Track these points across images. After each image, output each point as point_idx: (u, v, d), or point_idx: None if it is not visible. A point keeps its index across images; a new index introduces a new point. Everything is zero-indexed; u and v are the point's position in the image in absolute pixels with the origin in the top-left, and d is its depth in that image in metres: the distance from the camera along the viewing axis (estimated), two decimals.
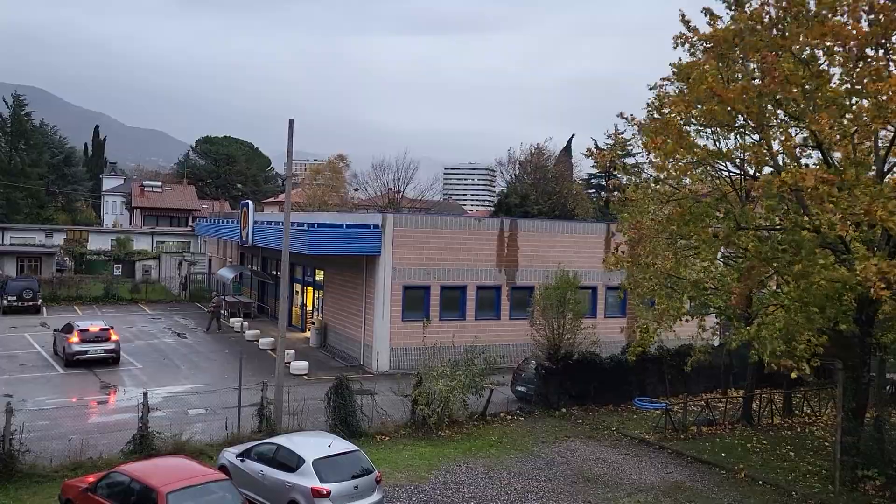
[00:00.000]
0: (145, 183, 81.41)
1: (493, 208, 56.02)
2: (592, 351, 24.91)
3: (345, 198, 67.07)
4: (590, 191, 57.34)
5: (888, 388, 24.66)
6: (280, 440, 15.44)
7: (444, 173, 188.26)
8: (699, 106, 16.86)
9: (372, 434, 19.97)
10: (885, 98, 13.84)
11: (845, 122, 15.31)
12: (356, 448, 15.28)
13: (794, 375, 15.67)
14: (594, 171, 57.41)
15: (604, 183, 54.56)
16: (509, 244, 30.76)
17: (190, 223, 71.56)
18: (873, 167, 16.56)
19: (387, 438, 19.99)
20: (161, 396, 23.11)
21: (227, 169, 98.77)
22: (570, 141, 57.00)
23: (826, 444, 20.07)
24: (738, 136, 18.41)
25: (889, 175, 17.08)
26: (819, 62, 15.87)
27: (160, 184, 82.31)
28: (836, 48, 15.48)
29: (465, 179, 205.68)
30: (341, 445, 15.13)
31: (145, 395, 18.57)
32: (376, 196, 65.97)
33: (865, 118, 14.78)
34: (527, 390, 24.23)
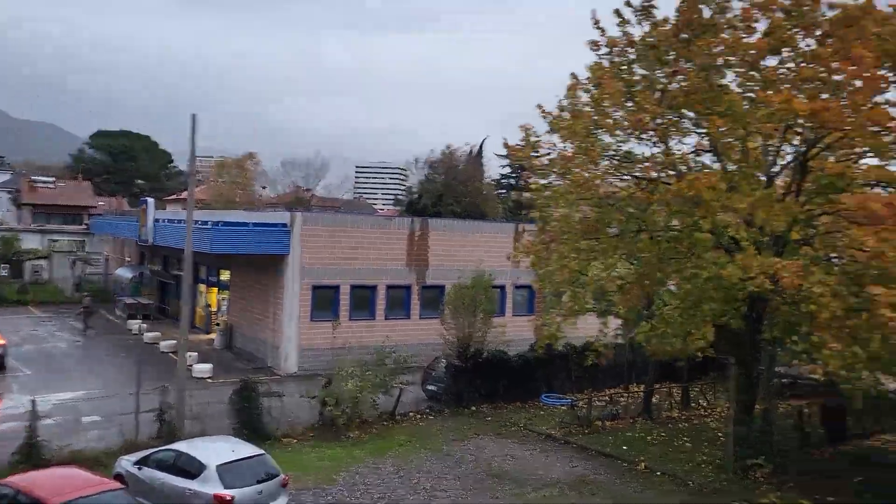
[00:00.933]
0: (35, 178, 76.88)
1: (403, 208, 55.94)
2: (502, 349, 25.26)
3: (253, 196, 65.51)
4: (501, 191, 58.14)
5: (776, 381, 26.09)
6: (181, 446, 14.86)
7: (356, 172, 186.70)
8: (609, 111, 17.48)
9: (279, 437, 19.55)
10: (774, 107, 14.60)
11: (739, 126, 16.12)
12: (262, 452, 14.89)
13: (691, 355, 16.26)
14: (506, 171, 58.28)
15: (514, 183, 55.42)
16: (420, 243, 30.80)
17: (85, 221, 68.13)
18: (762, 175, 17.45)
19: (294, 441, 19.62)
20: (52, 404, 21.84)
21: (126, 164, 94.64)
22: (482, 143, 57.59)
23: (720, 435, 21.03)
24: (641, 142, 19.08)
25: (777, 177, 18.07)
26: (718, 72, 16.65)
27: (53, 179, 77.92)
28: (732, 59, 16.28)
29: (377, 178, 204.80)
30: (246, 450, 14.71)
31: (34, 402, 17.50)
32: (285, 194, 64.76)
33: (757, 124, 15.61)
34: (437, 389, 24.31)
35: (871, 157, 16.20)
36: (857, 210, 13.79)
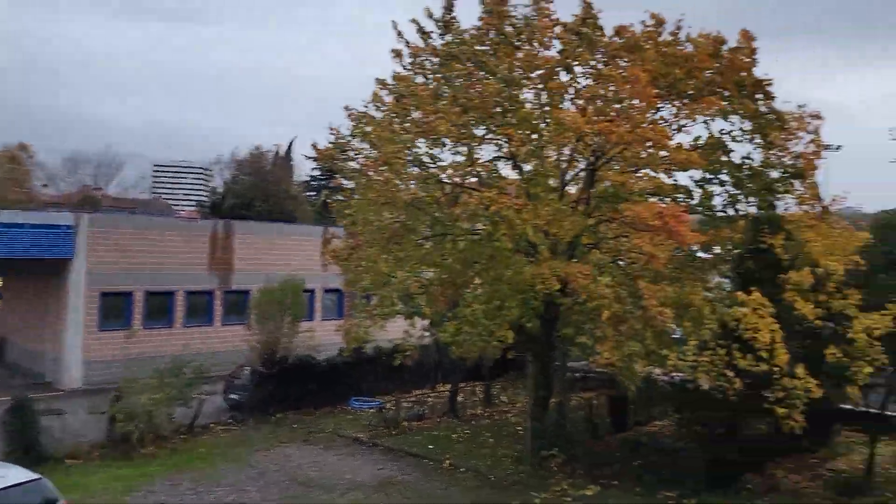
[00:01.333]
0: None
1: (208, 209, 53.31)
2: (310, 354, 24.84)
3: (32, 194, 59.27)
4: (311, 193, 57.27)
5: (569, 376, 27.98)
6: None
7: (154, 171, 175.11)
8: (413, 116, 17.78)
9: (61, 458, 17.79)
10: (565, 121, 15.61)
11: (534, 138, 17.11)
12: (38, 476, 13.38)
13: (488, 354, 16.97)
14: (316, 173, 57.49)
15: (325, 185, 54.82)
16: (224, 247, 29.52)
17: None
18: (556, 181, 18.64)
19: (80, 462, 17.96)
20: None
21: None
22: (290, 144, 56.41)
23: (519, 429, 22.14)
24: (446, 148, 19.62)
25: (569, 186, 19.36)
26: (516, 85, 17.56)
27: None
28: (528, 73, 17.24)
29: (178, 178, 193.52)
30: (19, 475, 13.15)
31: None
32: (72, 192, 59.27)
33: (551, 137, 16.65)
34: (240, 398, 23.40)
35: (648, 169, 17.90)
36: (634, 220, 15.16)
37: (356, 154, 19.88)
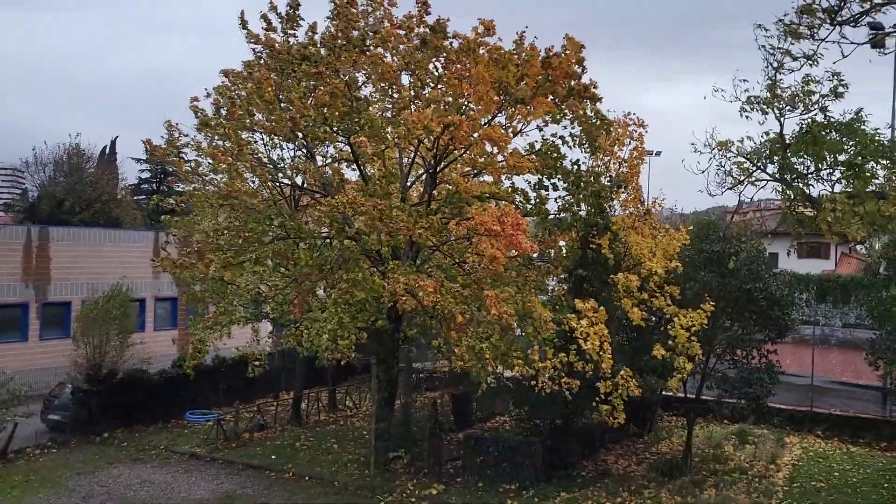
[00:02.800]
0: None
1: (22, 214, 48.57)
2: (141, 367, 23.32)
3: None
4: (140, 197, 53.82)
5: (414, 377, 28.26)
6: None
7: None
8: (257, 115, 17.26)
9: None
10: (410, 124, 15.68)
11: (380, 143, 17.10)
12: None
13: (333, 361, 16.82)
14: (146, 175, 54.13)
15: (156, 188, 51.79)
16: (39, 255, 27.05)
17: None
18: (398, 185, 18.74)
19: None
20: None
21: None
22: (112, 143, 52.66)
23: (365, 433, 22.03)
24: (287, 148, 19.19)
25: (412, 187, 19.53)
26: (360, 86, 17.48)
27: None
28: (373, 76, 17.21)
29: None
30: None
31: None
32: None
33: (395, 139, 16.70)
34: (61, 418, 21.54)
35: (486, 173, 18.44)
36: (478, 226, 15.51)
37: (196, 152, 19.01)
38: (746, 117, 13.93)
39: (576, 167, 18.70)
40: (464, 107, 17.25)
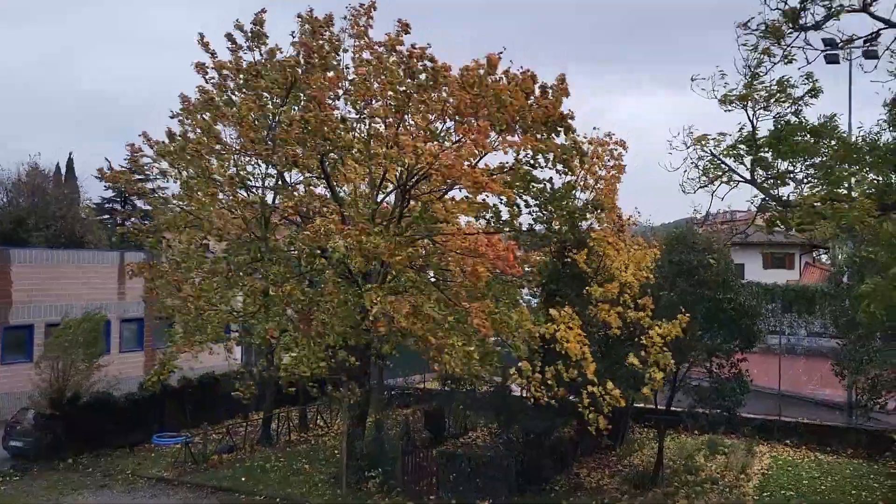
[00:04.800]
0: None
1: None
2: (107, 391, 22.82)
3: None
4: (104, 216, 52.87)
5: (386, 393, 28.07)
6: None
7: None
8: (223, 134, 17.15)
9: None
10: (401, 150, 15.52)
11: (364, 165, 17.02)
12: None
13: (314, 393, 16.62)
14: (109, 194, 53.22)
15: (122, 207, 50.90)
16: (0, 278, 26.43)
17: None
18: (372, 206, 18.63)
19: None
20: None
21: None
22: (70, 159, 51.63)
23: (336, 451, 21.76)
24: (257, 165, 19.05)
25: (382, 203, 19.42)
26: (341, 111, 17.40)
27: None
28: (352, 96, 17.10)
29: None
30: None
31: None
32: None
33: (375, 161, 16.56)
34: (24, 444, 20.95)
35: (457, 190, 18.39)
36: (459, 246, 15.40)
37: (162, 176, 18.85)
38: (726, 111, 14.20)
39: (549, 184, 18.85)
40: (442, 132, 17.20)
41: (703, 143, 14.68)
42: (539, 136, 17.71)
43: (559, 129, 17.93)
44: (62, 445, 21.12)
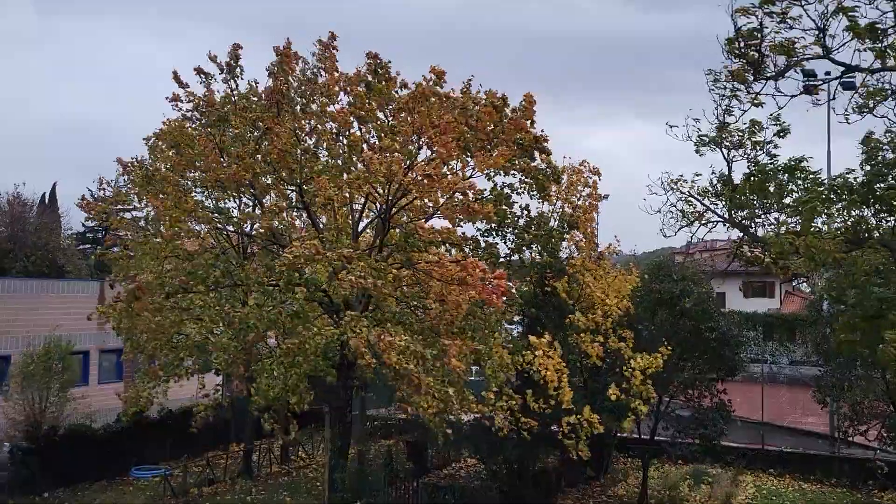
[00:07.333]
0: None
1: None
2: (84, 423, 22.47)
3: None
4: (85, 246, 52.44)
5: (368, 424, 27.81)
6: None
7: None
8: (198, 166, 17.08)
9: None
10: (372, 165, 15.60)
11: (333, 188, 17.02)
12: None
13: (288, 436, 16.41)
14: (90, 223, 52.85)
15: (102, 237, 50.50)
16: None
17: None
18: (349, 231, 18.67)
19: None
20: None
21: None
22: (53, 189, 51.34)
23: (318, 483, 21.52)
24: (235, 198, 19.04)
25: (363, 233, 19.43)
26: (309, 140, 17.49)
27: None
28: (323, 126, 17.23)
29: None
30: None
31: None
32: None
33: (350, 187, 16.60)
34: None
35: (438, 218, 18.45)
36: (438, 274, 15.33)
37: (136, 207, 18.80)
38: (700, 155, 14.43)
39: (525, 212, 18.92)
40: (414, 153, 17.29)
41: (680, 185, 14.93)
42: (515, 160, 17.83)
43: (535, 151, 18.05)
44: (38, 479, 20.71)
